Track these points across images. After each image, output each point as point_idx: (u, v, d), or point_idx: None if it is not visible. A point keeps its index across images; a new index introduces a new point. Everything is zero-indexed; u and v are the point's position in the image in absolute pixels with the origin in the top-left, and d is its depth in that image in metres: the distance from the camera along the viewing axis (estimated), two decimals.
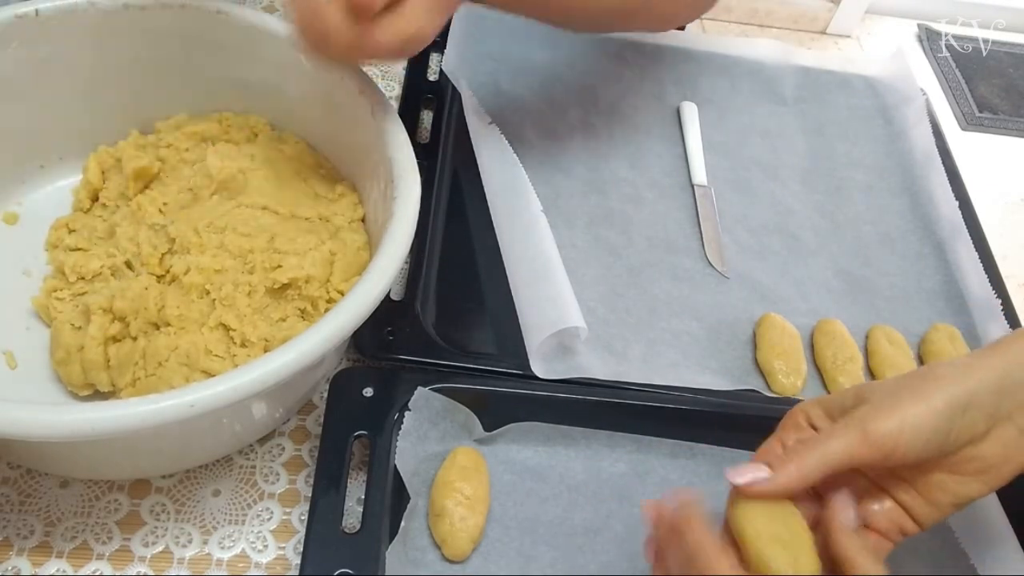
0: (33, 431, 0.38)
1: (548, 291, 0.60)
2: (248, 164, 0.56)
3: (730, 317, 0.64)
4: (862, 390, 0.40)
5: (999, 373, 0.39)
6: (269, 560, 0.50)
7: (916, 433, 0.37)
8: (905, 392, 0.39)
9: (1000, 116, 2.17)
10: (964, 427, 0.38)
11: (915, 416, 0.37)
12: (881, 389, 0.40)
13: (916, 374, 0.40)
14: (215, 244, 0.53)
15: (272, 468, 0.53)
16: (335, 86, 0.56)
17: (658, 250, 0.67)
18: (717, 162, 0.75)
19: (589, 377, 0.57)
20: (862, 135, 0.80)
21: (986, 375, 0.39)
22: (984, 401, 0.39)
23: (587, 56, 0.80)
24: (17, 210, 0.60)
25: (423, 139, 0.71)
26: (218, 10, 0.57)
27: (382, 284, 0.46)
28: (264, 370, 0.41)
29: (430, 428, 0.53)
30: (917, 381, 0.39)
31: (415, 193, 0.50)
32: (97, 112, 0.60)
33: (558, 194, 0.69)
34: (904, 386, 0.39)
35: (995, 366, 0.39)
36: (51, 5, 0.55)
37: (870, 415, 0.38)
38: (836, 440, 0.37)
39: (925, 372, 0.40)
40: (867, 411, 0.38)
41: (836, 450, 0.37)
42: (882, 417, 0.38)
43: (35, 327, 0.54)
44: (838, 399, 0.41)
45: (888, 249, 0.71)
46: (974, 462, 0.39)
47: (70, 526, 0.49)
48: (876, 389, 0.40)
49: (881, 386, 0.40)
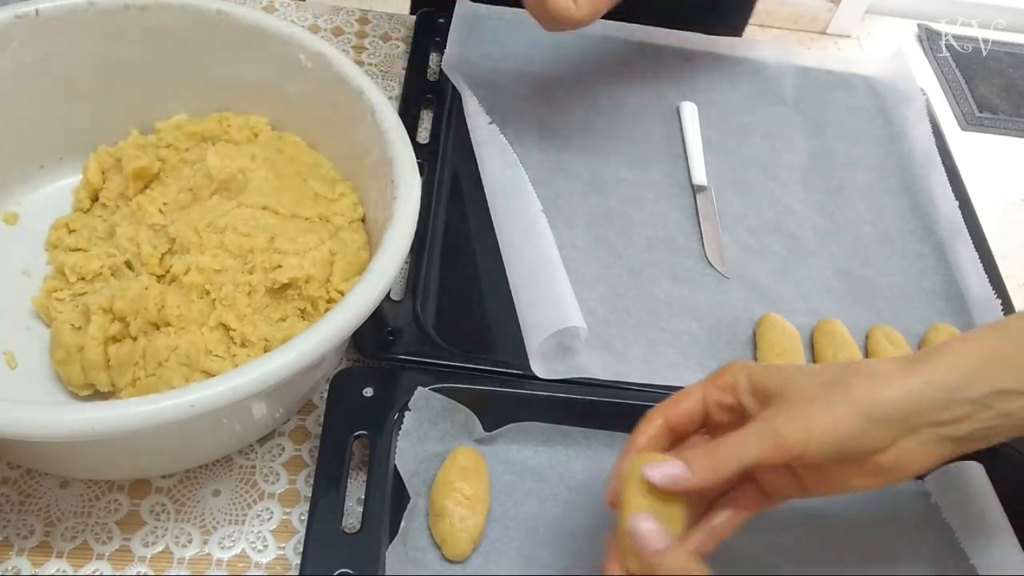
0: (33, 431, 0.38)
1: (548, 291, 0.60)
2: (248, 164, 0.56)
3: (730, 317, 0.64)
4: (786, 377, 0.42)
5: (914, 390, 0.40)
6: (269, 560, 0.50)
7: (821, 443, 0.39)
8: (819, 402, 0.40)
9: (1000, 116, 2.18)
10: (868, 440, 0.40)
11: (823, 430, 0.39)
12: (800, 385, 0.41)
13: (838, 375, 0.41)
14: (215, 244, 0.52)
15: (272, 468, 0.53)
16: (335, 86, 0.56)
17: (658, 250, 0.67)
18: (717, 162, 0.75)
19: (589, 377, 0.57)
20: (862, 135, 0.80)
21: (899, 393, 0.40)
22: (892, 418, 0.40)
23: (587, 56, 0.80)
24: (17, 210, 0.60)
25: (423, 139, 0.71)
26: (218, 10, 0.57)
27: (382, 284, 0.46)
28: (264, 370, 0.41)
29: (430, 428, 0.53)
30: (834, 387, 0.40)
31: (415, 193, 0.50)
32: (97, 112, 0.60)
33: (558, 194, 0.69)
34: (821, 389, 0.40)
35: (912, 383, 0.40)
36: (51, 5, 0.55)
37: (782, 422, 0.40)
38: (749, 446, 0.40)
39: (845, 376, 0.41)
40: (781, 417, 0.40)
41: (750, 454, 0.40)
42: (792, 426, 0.39)
43: (35, 327, 0.54)
44: (764, 378, 0.42)
45: (888, 249, 0.71)
46: (871, 465, 0.41)
47: (70, 526, 0.49)
48: (796, 382, 0.41)
49: (801, 380, 0.41)
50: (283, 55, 0.58)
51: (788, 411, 0.40)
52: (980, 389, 0.40)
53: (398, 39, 0.82)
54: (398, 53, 0.81)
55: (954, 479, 0.56)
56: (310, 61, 0.57)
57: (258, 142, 0.60)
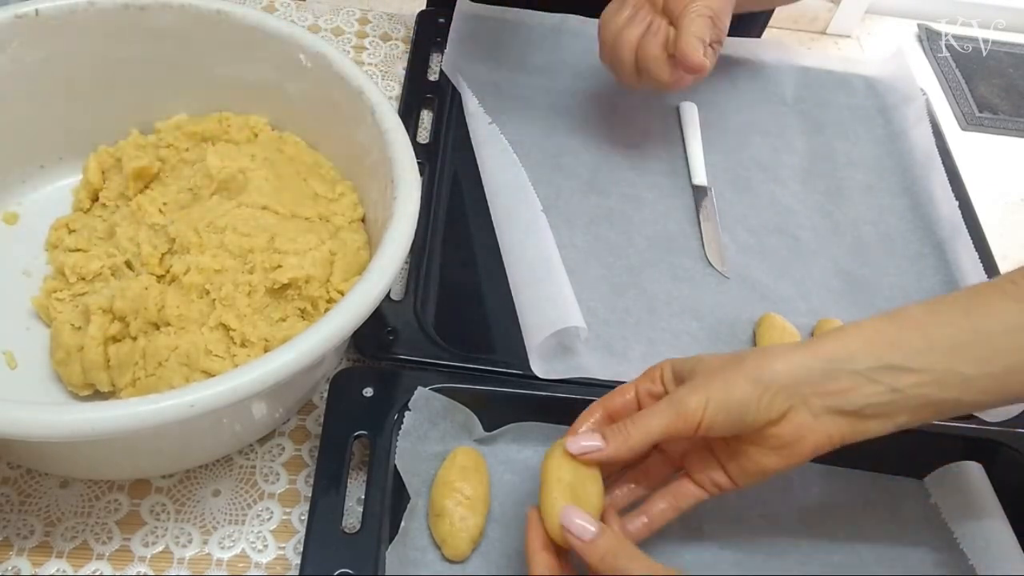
0: (33, 431, 0.38)
1: (548, 291, 0.60)
2: (248, 164, 0.56)
3: (730, 317, 0.64)
4: (697, 361, 0.46)
5: (802, 362, 0.43)
6: (269, 560, 0.50)
7: (717, 412, 0.43)
8: (718, 374, 0.44)
9: (1000, 116, 2.17)
10: (761, 409, 0.43)
11: (717, 399, 0.43)
12: (707, 364, 0.45)
13: (740, 355, 0.45)
14: (215, 244, 0.52)
15: (272, 468, 0.53)
16: (335, 86, 0.56)
17: (658, 250, 0.67)
18: (717, 162, 0.75)
19: (589, 377, 0.57)
20: (862, 135, 0.80)
21: (787, 364, 0.43)
22: (780, 384, 0.43)
23: (587, 56, 0.80)
24: (17, 210, 0.60)
25: (423, 139, 0.71)
26: (218, 10, 0.57)
27: (382, 284, 0.46)
28: (264, 370, 0.41)
29: (430, 428, 0.53)
30: (732, 363, 0.44)
31: (415, 193, 0.50)
32: (97, 112, 0.60)
33: (558, 194, 0.69)
34: (722, 367, 0.44)
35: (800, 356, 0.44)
36: (51, 5, 0.55)
37: (685, 394, 0.44)
38: (656, 417, 0.44)
39: (745, 355, 0.45)
40: (684, 390, 0.44)
41: (656, 426, 0.44)
42: (694, 397, 0.43)
43: (35, 327, 0.54)
44: (682, 365, 0.46)
45: (888, 249, 0.71)
46: (772, 439, 0.44)
47: (70, 526, 0.49)
48: (705, 362, 0.45)
49: (709, 362, 0.45)
50: (283, 55, 0.58)
51: (692, 385, 0.44)
52: (864, 363, 0.43)
53: (398, 39, 0.82)
54: (398, 53, 0.81)
55: (954, 479, 0.56)
56: (310, 61, 0.57)
57: (258, 142, 0.60)
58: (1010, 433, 0.58)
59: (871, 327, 0.44)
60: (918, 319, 0.44)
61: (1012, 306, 0.43)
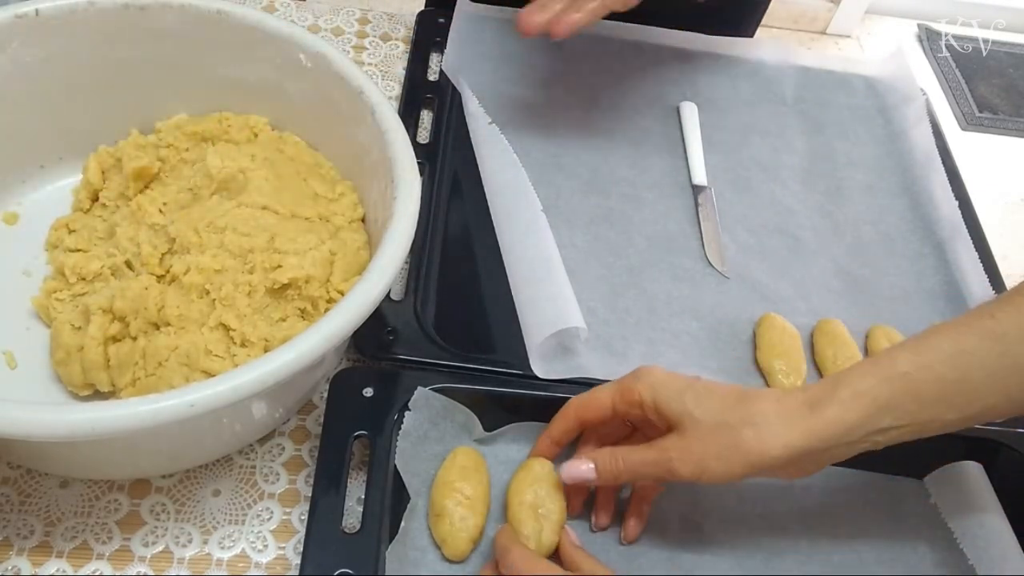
0: (33, 431, 0.38)
1: (548, 291, 0.60)
2: (248, 164, 0.56)
3: (730, 317, 0.64)
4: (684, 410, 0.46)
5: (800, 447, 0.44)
6: (269, 560, 0.50)
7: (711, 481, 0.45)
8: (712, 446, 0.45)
9: (1000, 116, 2.17)
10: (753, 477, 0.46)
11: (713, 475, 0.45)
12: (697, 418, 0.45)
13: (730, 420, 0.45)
14: (215, 244, 0.52)
15: (272, 468, 0.53)
16: (335, 86, 0.56)
17: (658, 250, 0.67)
18: (717, 162, 0.75)
19: (589, 377, 0.57)
20: (862, 135, 0.80)
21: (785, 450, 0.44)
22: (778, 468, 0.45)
23: (587, 56, 0.80)
24: (17, 210, 0.60)
25: (423, 139, 0.71)
26: (218, 10, 0.57)
27: (382, 284, 0.46)
28: (264, 370, 0.41)
29: (430, 428, 0.53)
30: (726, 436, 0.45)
31: (415, 193, 0.50)
32: (97, 112, 0.60)
33: (558, 194, 0.69)
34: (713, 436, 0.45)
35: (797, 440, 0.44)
36: (51, 5, 0.55)
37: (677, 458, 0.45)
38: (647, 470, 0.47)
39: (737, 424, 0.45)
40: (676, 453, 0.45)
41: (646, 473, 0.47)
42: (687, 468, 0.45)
43: (35, 327, 0.54)
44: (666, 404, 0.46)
45: (888, 249, 0.71)
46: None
47: (70, 526, 0.49)
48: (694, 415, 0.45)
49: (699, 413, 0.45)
50: (283, 55, 0.58)
51: (683, 449, 0.45)
52: (859, 434, 0.45)
53: (398, 39, 0.82)
54: (398, 53, 0.81)
55: (954, 479, 0.56)
56: (310, 61, 0.57)
57: (258, 142, 0.60)
58: (1010, 433, 0.58)
59: (869, 395, 0.44)
60: (911, 377, 0.44)
61: (994, 347, 0.44)
